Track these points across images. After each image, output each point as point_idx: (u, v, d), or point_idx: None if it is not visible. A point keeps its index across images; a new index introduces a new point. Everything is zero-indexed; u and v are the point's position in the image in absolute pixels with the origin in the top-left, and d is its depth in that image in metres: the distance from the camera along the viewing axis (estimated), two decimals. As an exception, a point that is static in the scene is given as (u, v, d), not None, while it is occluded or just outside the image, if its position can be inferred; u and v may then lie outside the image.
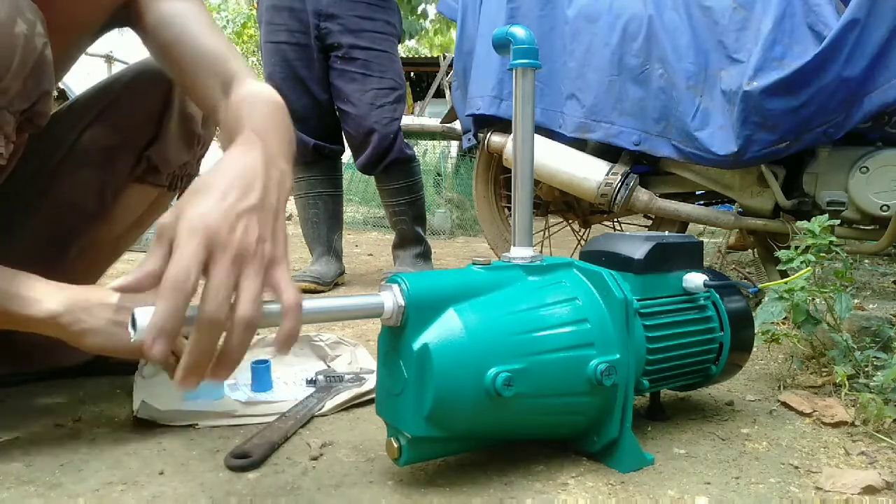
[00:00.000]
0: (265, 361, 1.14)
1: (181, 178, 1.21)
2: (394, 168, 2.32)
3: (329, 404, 1.07)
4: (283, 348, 0.62)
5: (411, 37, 7.18)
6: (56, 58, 0.97)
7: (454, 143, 5.87)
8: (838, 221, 1.37)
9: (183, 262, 0.58)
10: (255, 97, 0.88)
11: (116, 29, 1.08)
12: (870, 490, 0.80)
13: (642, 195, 1.99)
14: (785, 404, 1.11)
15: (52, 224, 1.13)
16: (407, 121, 3.02)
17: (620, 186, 1.95)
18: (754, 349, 1.09)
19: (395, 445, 0.78)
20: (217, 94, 0.95)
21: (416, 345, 0.75)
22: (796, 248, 1.25)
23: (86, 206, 1.15)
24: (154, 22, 1.00)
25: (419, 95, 9.28)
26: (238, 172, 0.67)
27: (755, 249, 2.13)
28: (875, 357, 1.16)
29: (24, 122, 0.87)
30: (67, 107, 1.18)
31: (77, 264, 1.18)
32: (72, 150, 1.12)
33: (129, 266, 2.72)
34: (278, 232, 0.67)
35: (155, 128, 1.15)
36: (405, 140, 2.34)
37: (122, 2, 1.01)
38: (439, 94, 7.51)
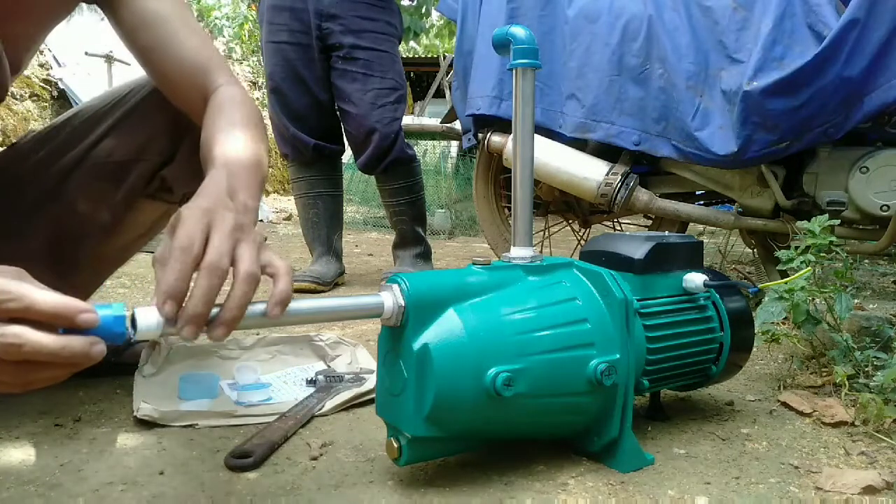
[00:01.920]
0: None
1: (191, 193, 1.20)
2: (394, 168, 2.32)
3: (329, 404, 1.06)
4: (277, 307, 0.65)
5: (416, 35, 7.12)
6: (23, 37, 0.96)
7: (454, 143, 5.87)
8: (838, 221, 1.37)
9: (188, 231, 0.63)
10: (230, 131, 0.88)
11: (85, 7, 1.07)
12: (870, 490, 0.80)
13: (642, 195, 1.99)
14: (785, 404, 1.11)
15: (60, 230, 1.10)
16: (407, 121, 3.02)
17: (620, 186, 1.95)
18: (754, 349, 1.09)
19: (395, 445, 0.78)
20: (199, 105, 0.97)
21: (416, 345, 0.75)
22: (796, 248, 1.25)
23: (97, 219, 1.12)
24: (133, 21, 0.99)
25: (419, 95, 9.27)
26: (217, 188, 0.74)
27: (755, 249, 2.13)
28: (875, 357, 1.16)
29: None
30: (76, 112, 1.16)
31: (81, 273, 1.17)
32: (84, 160, 1.10)
33: (131, 268, 2.72)
34: (259, 232, 0.72)
35: (171, 146, 1.12)
36: (405, 140, 2.34)
37: None
38: (439, 94, 7.51)
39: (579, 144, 2.05)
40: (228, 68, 1.02)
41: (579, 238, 2.53)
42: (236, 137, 0.87)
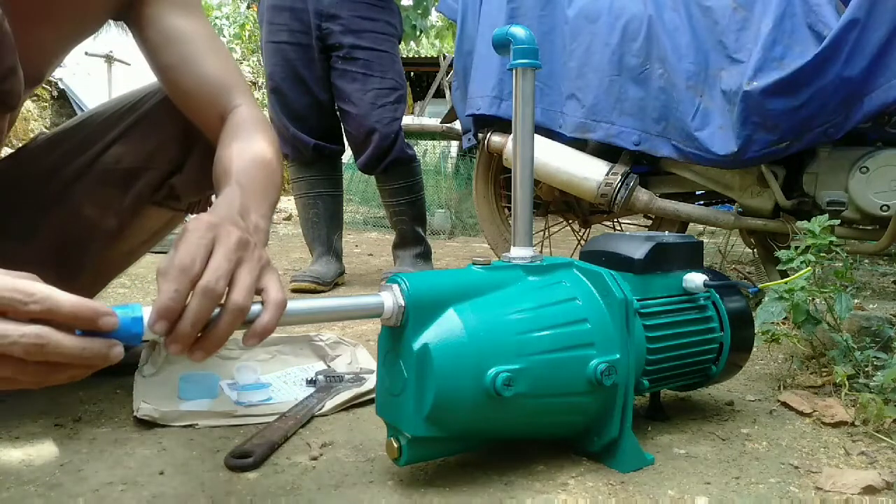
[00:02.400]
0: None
1: (199, 201, 1.20)
2: (394, 168, 2.32)
3: (329, 404, 1.06)
4: (252, 339, 0.64)
5: (421, 33, 7.07)
6: (47, 49, 0.95)
7: (454, 143, 5.87)
8: (838, 221, 1.37)
9: (189, 249, 0.62)
10: (245, 150, 0.89)
11: (112, 24, 1.07)
12: (870, 490, 0.80)
13: (642, 195, 1.99)
14: (785, 404, 1.11)
15: (66, 234, 1.10)
16: (407, 121, 3.03)
17: (620, 186, 1.95)
18: (754, 349, 1.09)
19: (395, 445, 0.78)
20: (214, 123, 0.98)
21: (416, 345, 0.75)
22: (796, 248, 1.25)
23: (103, 224, 1.12)
24: (158, 39, 1.00)
25: (419, 95, 9.28)
26: (230, 207, 0.73)
27: (755, 249, 2.13)
28: (875, 357, 1.16)
29: None
30: (87, 116, 1.16)
31: (84, 277, 1.17)
32: (94, 166, 1.10)
33: (132, 268, 2.72)
34: (265, 254, 0.71)
35: (181, 155, 1.12)
36: (405, 140, 2.34)
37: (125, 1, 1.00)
38: (439, 94, 7.51)
39: (579, 144, 2.05)
40: (247, 89, 1.02)
41: (579, 238, 2.53)
42: (251, 158, 0.88)
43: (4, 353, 0.53)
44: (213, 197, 0.99)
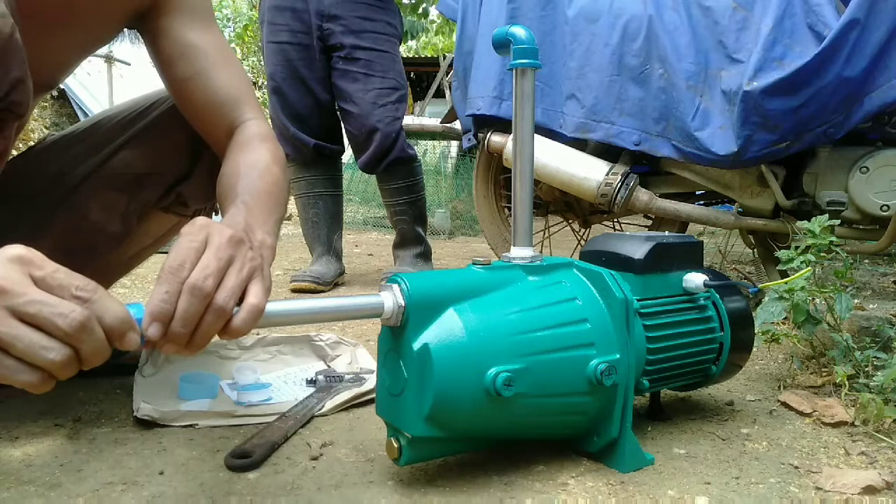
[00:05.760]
0: None
1: (206, 208, 1.20)
2: (395, 168, 2.32)
3: (329, 404, 1.07)
4: (224, 335, 0.64)
5: (412, 37, 7.06)
6: (59, 58, 0.96)
7: (454, 143, 5.87)
8: (838, 221, 1.37)
9: (180, 251, 0.63)
10: (252, 167, 0.90)
11: (126, 32, 1.07)
12: (870, 490, 0.80)
13: (642, 195, 1.99)
14: (785, 404, 1.11)
15: (72, 236, 1.10)
16: (407, 121, 3.02)
17: (620, 186, 1.95)
18: (754, 349, 1.09)
19: (395, 445, 0.78)
20: (221, 137, 0.98)
21: (416, 345, 0.75)
22: (796, 248, 1.25)
23: (108, 228, 1.12)
24: (172, 51, 0.99)
25: (419, 95, 9.27)
26: (235, 228, 0.72)
27: (755, 249, 2.13)
28: (875, 357, 1.16)
29: (1, 113, 0.83)
30: (96, 121, 1.16)
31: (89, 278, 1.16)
32: (100, 170, 1.10)
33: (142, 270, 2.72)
34: (265, 265, 0.71)
35: (188, 163, 1.12)
36: (406, 140, 2.34)
37: (141, 9, 0.99)
38: (439, 94, 7.51)
39: (579, 144, 2.05)
40: (257, 103, 1.03)
41: (579, 238, 2.53)
42: (258, 176, 0.88)
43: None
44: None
